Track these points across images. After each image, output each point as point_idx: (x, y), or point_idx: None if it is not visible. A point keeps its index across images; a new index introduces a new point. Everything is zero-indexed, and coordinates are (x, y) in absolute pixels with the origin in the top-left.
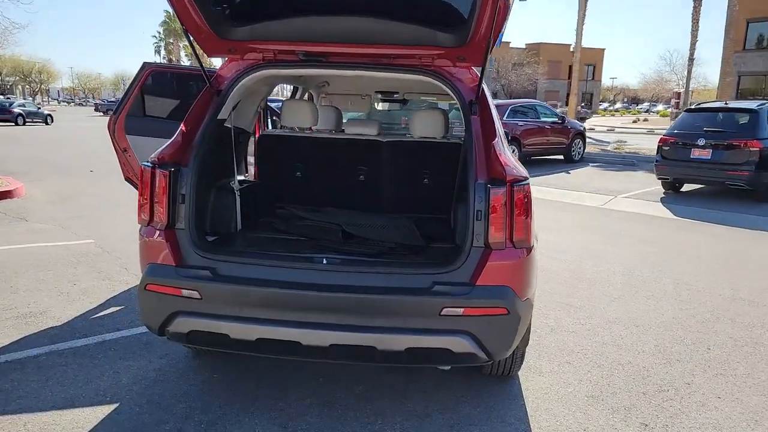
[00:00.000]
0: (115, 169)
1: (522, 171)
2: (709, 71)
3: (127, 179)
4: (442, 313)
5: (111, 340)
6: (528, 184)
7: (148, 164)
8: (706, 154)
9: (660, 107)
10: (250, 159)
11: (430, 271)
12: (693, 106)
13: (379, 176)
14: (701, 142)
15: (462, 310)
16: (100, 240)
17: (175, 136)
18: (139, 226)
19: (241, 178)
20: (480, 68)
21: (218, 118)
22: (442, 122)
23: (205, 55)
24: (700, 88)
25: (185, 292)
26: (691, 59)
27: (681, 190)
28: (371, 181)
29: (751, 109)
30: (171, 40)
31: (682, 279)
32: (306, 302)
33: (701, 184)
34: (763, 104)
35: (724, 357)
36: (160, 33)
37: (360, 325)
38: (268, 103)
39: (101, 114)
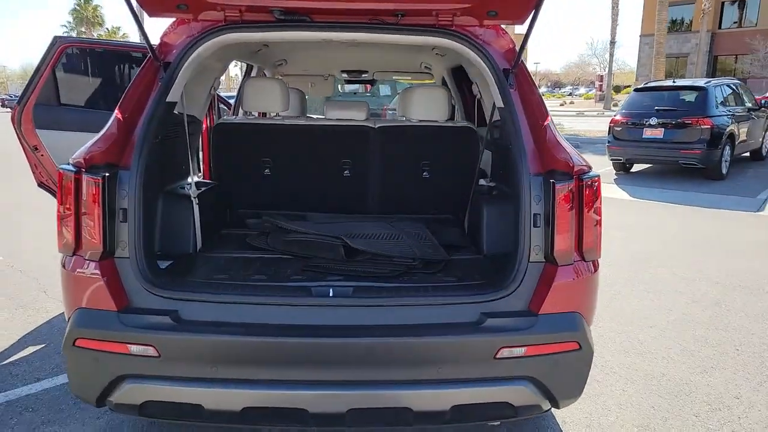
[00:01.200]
0: (28, 170)
1: (582, 158)
2: (626, 54)
3: (41, 184)
4: (497, 356)
5: (28, 397)
6: (598, 175)
7: (70, 168)
8: (659, 133)
9: (582, 90)
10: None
11: (475, 297)
12: (641, 86)
13: (368, 171)
14: (653, 121)
15: (524, 349)
16: (9, 256)
17: (106, 127)
18: (61, 254)
19: (196, 179)
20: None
21: (167, 101)
22: (446, 102)
23: (145, 13)
24: (619, 71)
25: (135, 349)
26: (612, 42)
27: (631, 170)
28: (358, 178)
29: (700, 87)
30: (83, 29)
31: (670, 267)
32: (312, 353)
33: (654, 163)
34: (710, 81)
35: (757, 359)
36: (71, 23)
37: (388, 381)
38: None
39: (9, 110)
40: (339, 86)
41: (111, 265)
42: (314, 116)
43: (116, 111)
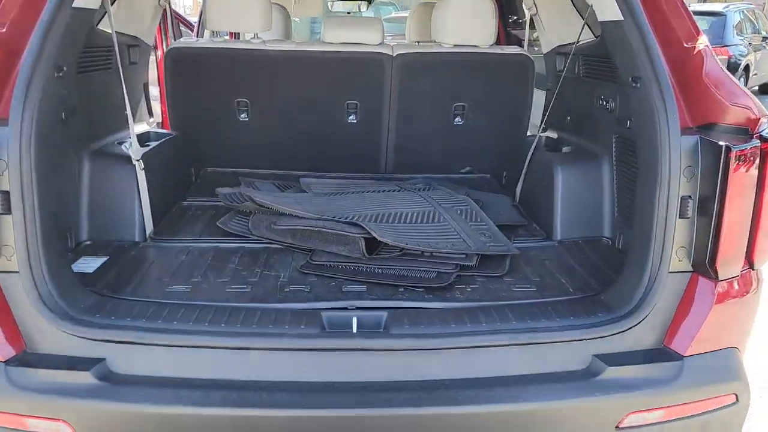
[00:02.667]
0: None
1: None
2: None
3: None
4: (622, 425)
5: None
6: None
7: None
8: None
9: None
10: (154, 93)
11: (583, 330)
12: None
13: (381, 116)
14: None
15: (662, 412)
16: None
17: None
18: None
19: (143, 129)
20: None
21: (76, 6)
22: (492, 17)
23: None
24: None
25: (36, 425)
26: None
27: None
28: (369, 125)
29: (718, 12)
30: None
31: None
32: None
33: None
34: (728, 5)
35: None
36: None
37: None
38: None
39: None
40: (329, 4)
41: None
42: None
43: None
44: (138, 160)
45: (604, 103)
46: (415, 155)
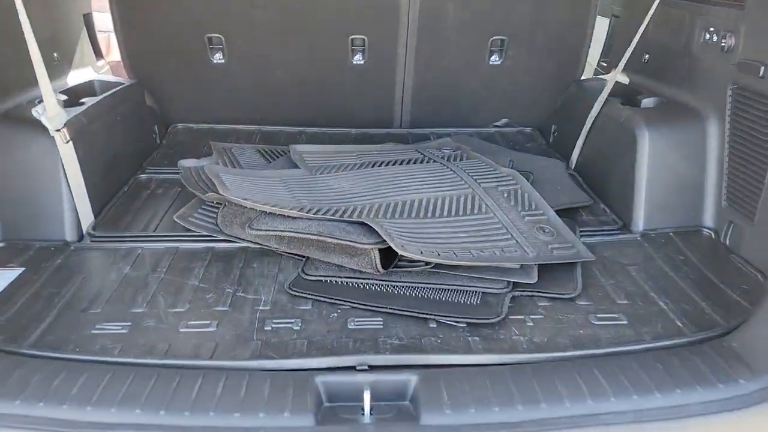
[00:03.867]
0: None
1: None
2: None
3: None
4: None
5: None
6: None
7: None
8: None
9: None
10: (101, 23)
11: (717, 420)
12: None
13: (395, 54)
14: None
15: None
16: None
17: None
18: None
19: (84, 77)
20: None
21: None
22: None
23: None
24: None
25: None
26: None
27: None
28: (379, 66)
29: None
30: None
31: None
32: None
33: None
34: None
35: None
36: None
37: None
38: None
39: None
40: None
41: None
42: None
43: None
44: (59, 130)
45: (714, 37)
46: (437, 104)
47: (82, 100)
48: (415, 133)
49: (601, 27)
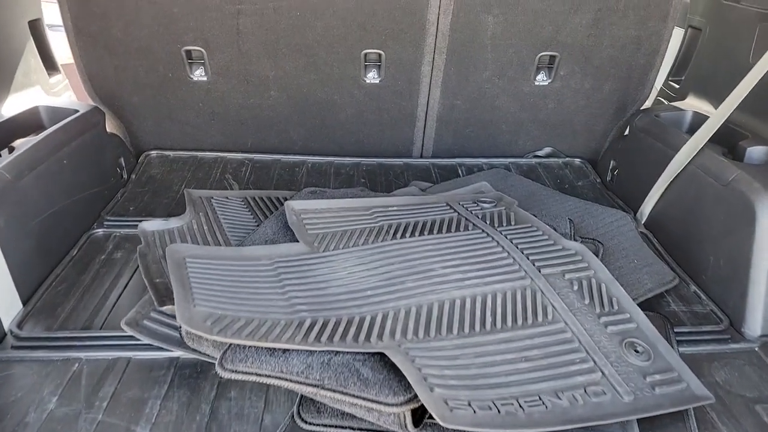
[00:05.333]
0: None
1: None
2: None
3: None
4: None
5: None
6: None
7: None
8: None
9: None
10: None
11: None
12: None
13: (420, 73)
14: None
15: None
16: None
17: None
18: None
19: (27, 101)
20: None
21: None
22: None
23: None
24: None
25: None
26: None
27: None
28: (399, 88)
29: None
30: None
31: None
32: None
33: None
34: None
35: None
36: None
37: None
38: None
39: None
40: None
41: None
42: None
43: None
44: None
45: None
46: (467, 131)
47: (15, 143)
48: (439, 164)
49: (674, 39)
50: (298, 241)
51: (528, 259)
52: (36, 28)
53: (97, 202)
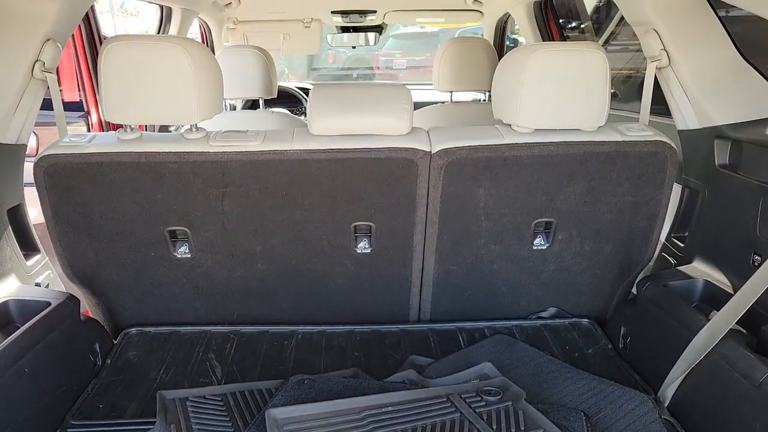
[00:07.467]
0: None
1: None
2: None
3: None
4: None
5: None
6: None
7: None
8: None
9: None
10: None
11: None
12: None
13: (412, 242)
14: None
15: None
16: None
17: None
18: None
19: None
20: None
21: None
22: (606, 87)
23: None
24: None
25: None
26: None
27: None
28: (390, 257)
29: None
30: None
31: None
32: None
33: None
34: None
35: None
36: None
37: None
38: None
39: None
40: (329, 37)
41: None
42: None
43: None
44: None
45: None
46: (465, 295)
47: None
48: (438, 330)
49: (673, 196)
50: None
51: None
52: (16, 215)
53: (64, 403)
